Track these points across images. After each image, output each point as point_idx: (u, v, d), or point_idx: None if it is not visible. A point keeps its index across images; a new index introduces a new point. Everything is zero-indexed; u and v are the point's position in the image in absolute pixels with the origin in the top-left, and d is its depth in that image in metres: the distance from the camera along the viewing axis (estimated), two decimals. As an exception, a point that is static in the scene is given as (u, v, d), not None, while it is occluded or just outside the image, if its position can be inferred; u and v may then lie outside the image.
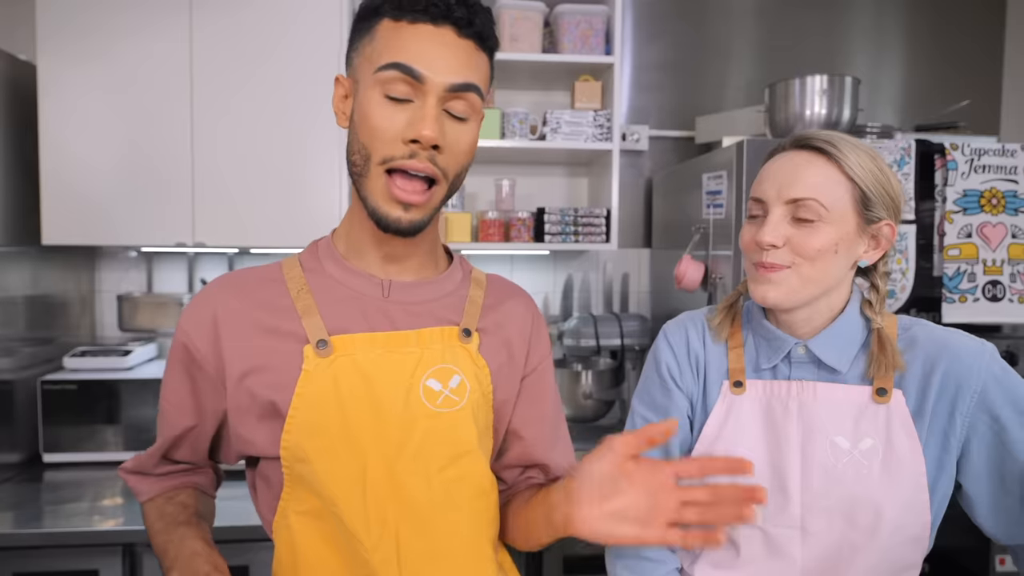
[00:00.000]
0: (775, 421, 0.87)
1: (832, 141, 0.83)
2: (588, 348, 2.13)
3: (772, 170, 0.86)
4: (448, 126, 0.74)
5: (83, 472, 1.79)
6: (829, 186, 0.81)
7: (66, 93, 1.76)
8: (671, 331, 0.97)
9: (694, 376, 0.94)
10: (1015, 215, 1.62)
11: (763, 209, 0.85)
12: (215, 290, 0.82)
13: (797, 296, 0.84)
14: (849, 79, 1.80)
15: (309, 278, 0.82)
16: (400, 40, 0.72)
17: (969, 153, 1.62)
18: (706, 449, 0.90)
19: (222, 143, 1.82)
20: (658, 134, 2.34)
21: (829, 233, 0.81)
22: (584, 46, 2.00)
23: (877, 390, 0.83)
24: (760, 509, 0.84)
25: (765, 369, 0.90)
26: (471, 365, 0.82)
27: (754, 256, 0.86)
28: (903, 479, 0.81)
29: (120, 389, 1.84)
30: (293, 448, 0.75)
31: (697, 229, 1.85)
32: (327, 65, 1.84)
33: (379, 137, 0.73)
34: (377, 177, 0.74)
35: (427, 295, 0.83)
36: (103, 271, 2.15)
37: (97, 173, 1.78)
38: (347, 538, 0.75)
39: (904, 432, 0.82)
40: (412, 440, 0.76)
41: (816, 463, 0.83)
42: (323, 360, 0.76)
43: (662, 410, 0.94)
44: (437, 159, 0.74)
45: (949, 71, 2.47)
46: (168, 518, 0.81)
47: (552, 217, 2.01)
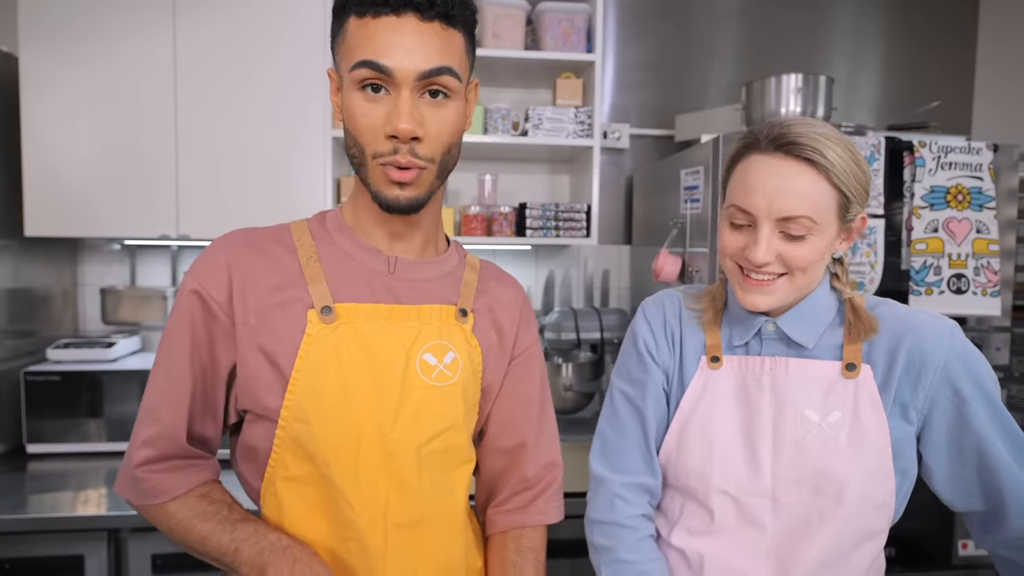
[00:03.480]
0: (749, 395, 0.90)
1: (817, 148, 0.80)
2: (568, 341, 2.17)
3: (759, 179, 0.82)
4: (428, 112, 0.76)
5: (67, 463, 1.80)
6: (819, 200, 0.81)
7: (49, 85, 1.77)
8: (648, 307, 1.00)
9: (670, 350, 0.96)
10: (980, 211, 1.67)
11: (749, 220, 0.84)
12: (227, 242, 0.84)
13: (787, 300, 0.87)
14: (823, 78, 1.85)
15: (318, 246, 0.84)
16: (366, 36, 0.74)
17: (937, 150, 1.67)
18: (683, 423, 0.93)
19: (207, 134, 1.84)
20: (639, 132, 2.38)
21: (817, 244, 0.83)
22: (566, 44, 2.04)
23: (846, 365, 0.87)
24: (736, 476, 0.88)
25: (738, 346, 0.93)
26: (465, 344, 0.86)
27: (741, 263, 0.87)
28: (868, 449, 0.85)
29: (104, 381, 1.85)
30: (294, 409, 0.78)
31: (675, 224, 1.90)
32: (313, 56, 1.86)
33: (364, 134, 0.76)
34: (374, 168, 0.78)
35: (429, 274, 0.87)
36: (86, 265, 2.16)
37: (80, 165, 1.79)
38: (335, 502, 0.78)
39: (871, 405, 0.86)
40: (406, 410, 0.80)
41: (786, 436, 0.87)
42: (326, 327, 0.79)
43: (639, 383, 0.97)
44: (418, 150, 0.76)
45: (924, 73, 2.53)
46: (218, 518, 0.78)
47: (534, 212, 2.05)
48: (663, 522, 0.97)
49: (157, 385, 0.81)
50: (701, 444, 0.91)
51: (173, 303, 0.83)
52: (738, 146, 0.88)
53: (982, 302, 1.66)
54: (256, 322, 0.79)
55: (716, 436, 0.90)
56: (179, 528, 0.79)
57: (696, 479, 0.91)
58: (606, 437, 0.99)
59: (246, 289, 0.80)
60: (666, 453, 0.95)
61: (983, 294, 1.66)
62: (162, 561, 1.53)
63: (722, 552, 0.89)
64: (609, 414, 0.99)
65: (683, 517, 0.94)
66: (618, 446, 0.96)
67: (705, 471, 0.90)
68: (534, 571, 0.90)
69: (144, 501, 0.80)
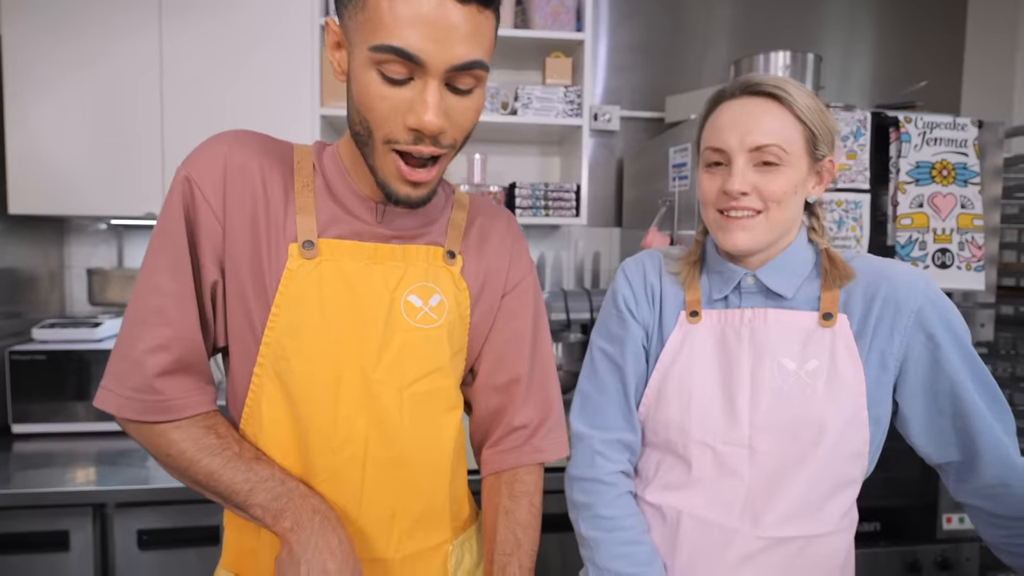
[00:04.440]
0: (728, 347, 0.91)
1: (780, 85, 0.86)
2: (559, 322, 2.17)
3: (729, 119, 0.87)
4: (451, 101, 0.70)
5: (52, 443, 1.78)
6: (786, 131, 0.85)
7: (33, 62, 1.75)
8: (628, 267, 1.01)
9: (650, 306, 0.97)
10: (964, 186, 1.68)
11: (724, 158, 0.87)
12: (229, 140, 0.78)
13: (765, 239, 0.88)
14: (811, 56, 1.86)
15: (315, 178, 0.80)
16: (395, 16, 0.65)
17: (922, 126, 1.68)
18: (663, 376, 0.94)
19: (193, 111, 1.82)
20: (630, 115, 2.38)
21: (790, 176, 0.85)
22: (555, 23, 2.04)
23: (824, 314, 0.88)
24: (714, 425, 0.89)
25: (717, 300, 0.94)
26: (452, 287, 0.84)
27: (720, 204, 0.88)
28: (845, 397, 0.86)
29: (90, 360, 1.84)
30: (274, 346, 0.76)
31: (664, 202, 1.90)
32: (299, 35, 1.85)
33: (379, 119, 0.70)
34: (384, 154, 0.72)
35: (418, 221, 0.85)
36: (72, 246, 2.14)
37: (65, 142, 1.78)
38: (311, 441, 0.78)
39: (847, 353, 0.87)
40: (389, 351, 0.79)
41: (764, 385, 0.88)
42: (308, 262, 0.76)
43: (618, 340, 0.97)
44: (442, 140, 0.72)
45: (914, 57, 2.55)
46: (229, 454, 0.74)
47: (523, 191, 2.04)
48: (639, 481, 0.98)
49: (157, 285, 0.74)
50: (680, 396, 0.92)
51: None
52: (708, 102, 0.92)
53: (966, 276, 1.67)
54: (247, 235, 0.76)
55: (695, 387, 0.91)
56: (182, 458, 0.74)
57: (675, 431, 0.92)
58: (586, 394, 0.99)
59: (241, 196, 0.76)
60: (645, 407, 0.96)
61: (967, 268, 1.67)
62: (148, 536, 1.52)
63: (698, 505, 0.90)
64: (589, 372, 1.00)
65: (659, 473, 0.94)
66: (598, 403, 0.97)
67: (684, 422, 0.91)
68: (528, 515, 0.88)
69: (155, 418, 0.74)
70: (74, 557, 1.48)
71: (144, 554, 1.51)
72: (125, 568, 1.51)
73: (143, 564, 1.51)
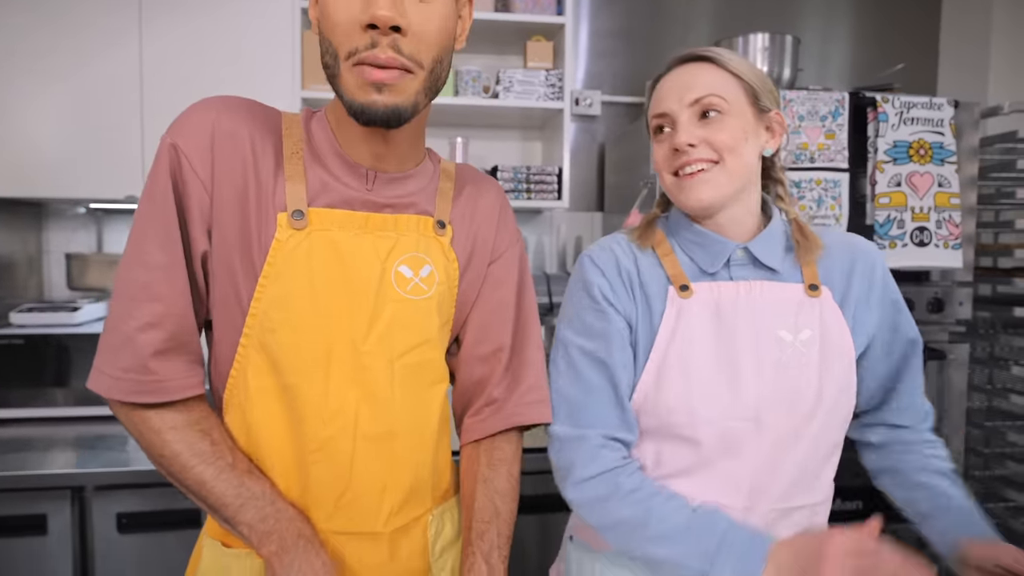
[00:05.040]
0: (725, 320, 0.89)
1: (710, 49, 0.91)
2: (542, 306, 2.17)
3: (667, 86, 0.91)
4: (411, 6, 0.69)
5: (31, 428, 1.76)
6: (721, 83, 0.88)
7: (11, 41, 1.73)
8: (595, 254, 0.94)
9: (629, 295, 0.91)
10: (941, 165, 1.70)
11: (669, 122, 0.90)
12: (217, 106, 0.76)
13: (727, 190, 0.88)
14: (789, 38, 1.87)
15: (304, 144, 0.78)
16: None
17: (899, 106, 1.69)
18: (661, 356, 0.89)
19: (173, 90, 1.80)
20: (611, 99, 2.38)
21: (736, 124, 0.87)
22: (536, 6, 2.04)
23: (809, 286, 0.91)
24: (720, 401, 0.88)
25: (706, 274, 0.92)
26: (442, 257, 0.83)
27: (673, 164, 0.88)
28: (837, 365, 0.89)
29: (69, 344, 1.82)
30: (261, 317, 0.75)
31: (645, 184, 1.90)
32: (279, 17, 1.84)
33: (339, 28, 0.69)
34: (348, 72, 0.70)
35: (408, 188, 0.83)
36: (51, 231, 2.12)
37: (45, 124, 1.76)
38: (300, 413, 0.76)
39: (835, 321, 0.90)
40: (380, 322, 0.78)
41: (766, 356, 0.87)
42: (298, 232, 0.75)
43: (600, 335, 0.89)
44: (401, 45, 0.69)
45: (892, 42, 2.57)
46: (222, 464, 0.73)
47: (505, 175, 2.04)
48: (652, 469, 0.93)
49: (146, 258, 0.72)
50: (681, 375, 0.87)
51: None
52: (650, 84, 0.96)
53: (944, 254, 1.69)
54: (236, 204, 0.74)
55: (697, 364, 0.87)
56: (174, 462, 0.73)
57: (679, 413, 0.87)
58: (572, 399, 0.90)
59: (230, 164, 0.74)
60: (641, 394, 0.89)
61: (945, 247, 1.69)
62: (127, 520, 1.51)
63: (707, 489, 0.87)
64: (570, 375, 0.90)
65: (661, 463, 0.91)
66: (587, 405, 0.89)
67: (689, 402, 0.87)
68: (506, 483, 0.86)
69: (150, 399, 0.72)
70: (52, 541, 1.47)
71: (123, 537, 1.50)
72: (104, 551, 1.50)
73: (122, 547, 1.50)
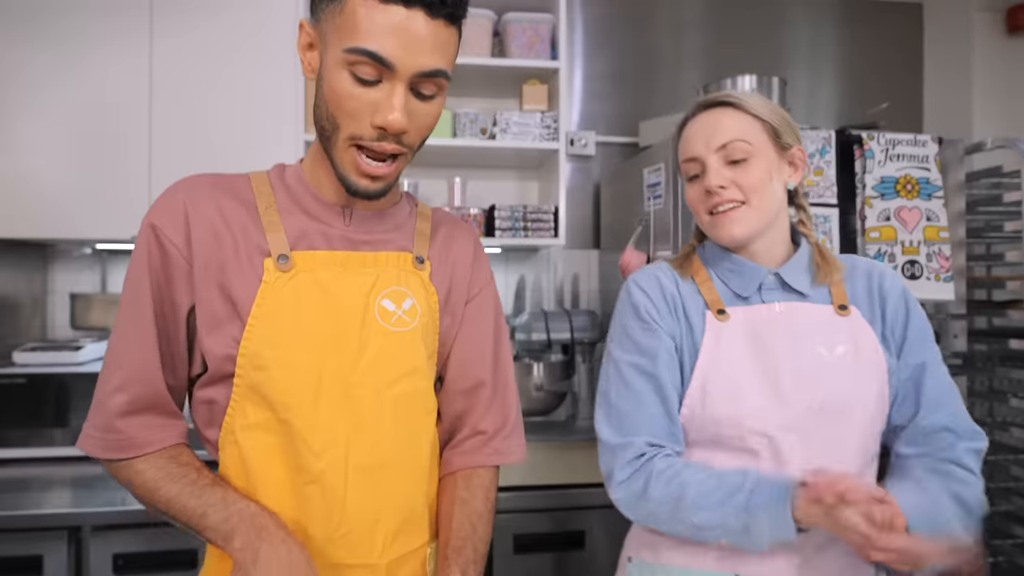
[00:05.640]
0: (762, 338, 0.96)
1: (730, 94, 0.98)
2: (539, 342, 2.19)
3: (693, 131, 0.99)
4: (414, 105, 0.76)
5: (29, 468, 1.76)
6: (744, 127, 0.95)
7: (21, 85, 1.79)
8: (640, 278, 1.03)
9: (672, 315, 0.99)
10: (929, 200, 1.74)
11: (699, 166, 0.97)
12: (184, 186, 0.83)
13: (756, 225, 0.96)
14: (776, 79, 1.93)
15: (276, 196, 0.85)
16: (371, 22, 0.71)
17: (884, 143, 1.74)
18: (704, 375, 0.96)
19: (180, 134, 1.86)
20: (605, 140, 2.45)
21: (760, 165, 0.95)
22: (531, 52, 2.11)
23: (839, 306, 0.98)
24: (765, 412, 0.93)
25: (740, 298, 0.99)
26: (423, 291, 0.87)
27: (707, 204, 0.97)
28: (872, 377, 0.94)
29: (70, 383, 1.83)
30: (251, 357, 0.78)
31: (640, 221, 1.94)
32: (283, 65, 1.91)
33: (347, 116, 0.75)
34: (345, 150, 0.77)
35: (384, 225, 0.88)
36: (56, 271, 2.16)
37: (52, 165, 1.81)
38: (294, 447, 0.79)
39: (867, 337, 0.96)
40: (366, 354, 0.81)
41: (805, 368, 0.93)
42: (283, 274, 0.80)
43: (648, 351, 0.97)
44: (403, 138, 0.77)
45: (877, 80, 2.67)
46: (186, 481, 0.77)
47: (502, 213, 2.09)
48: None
49: (122, 330, 0.80)
50: (727, 390, 0.94)
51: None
52: (676, 127, 1.04)
53: (936, 287, 1.71)
54: (214, 264, 0.79)
55: (739, 379, 0.94)
56: (144, 487, 0.78)
57: (726, 425, 0.93)
58: (621, 410, 0.96)
59: (204, 230, 0.80)
60: (689, 409, 0.96)
61: (936, 279, 1.71)
62: (123, 561, 1.50)
63: None
64: (620, 387, 0.98)
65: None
66: (636, 417, 0.95)
67: (737, 414, 0.93)
68: (483, 506, 0.89)
69: (118, 456, 0.78)
70: (47, 582, 1.46)
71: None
72: (100, 593, 1.49)
73: (118, 588, 1.49)
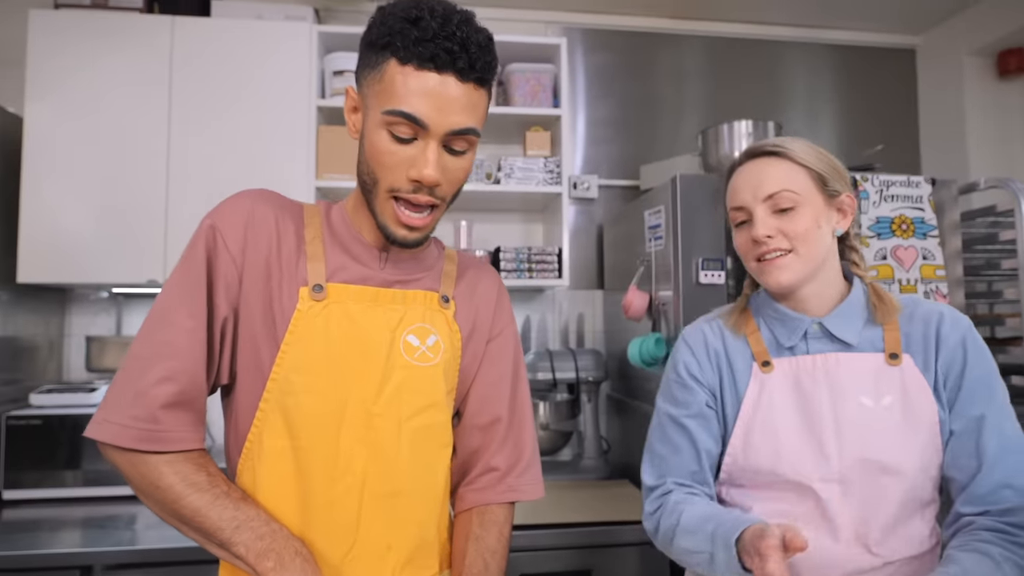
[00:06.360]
0: (805, 389, 0.97)
1: (777, 143, 1.00)
2: (545, 382, 2.21)
3: (741, 180, 1.01)
4: (447, 160, 0.82)
5: (42, 509, 1.79)
6: (791, 176, 0.97)
7: (49, 142, 1.88)
8: (689, 334, 1.09)
9: (713, 368, 1.05)
10: (924, 239, 1.77)
11: (746, 214, 0.99)
12: (252, 196, 0.88)
13: (803, 273, 0.97)
14: (772, 123, 1.99)
15: (323, 229, 0.90)
16: (407, 86, 0.78)
17: (879, 184, 1.79)
18: (747, 424, 1.00)
19: (196, 185, 1.94)
20: (607, 183, 2.52)
21: (807, 213, 0.96)
22: (534, 100, 2.20)
23: (890, 355, 0.96)
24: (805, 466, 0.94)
25: (785, 348, 1.01)
26: (446, 328, 0.92)
27: (755, 253, 0.99)
28: (921, 427, 0.93)
29: (84, 424, 1.84)
30: (281, 381, 0.82)
31: (642, 261, 1.99)
32: (297, 113, 2.00)
33: (385, 170, 0.81)
34: (385, 201, 0.83)
35: (416, 267, 0.94)
36: (73, 315, 2.22)
37: (74, 215, 1.89)
38: (311, 472, 0.82)
39: (917, 387, 0.95)
40: (389, 386, 0.86)
41: (847, 420, 0.94)
42: (316, 304, 0.85)
43: (683, 404, 1.04)
44: (436, 191, 0.83)
45: (873, 123, 2.73)
46: (217, 492, 0.78)
47: (507, 255, 2.14)
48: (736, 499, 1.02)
49: (173, 320, 0.81)
50: (767, 441, 0.97)
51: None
52: (724, 175, 1.06)
53: (934, 324, 1.73)
54: (261, 282, 0.84)
55: (780, 431, 0.96)
56: (168, 492, 0.77)
57: (766, 475, 0.96)
58: (657, 453, 1.06)
59: (259, 246, 0.85)
60: (732, 458, 1.01)
61: (934, 317, 1.74)
62: (134, 600, 1.51)
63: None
64: (659, 435, 1.07)
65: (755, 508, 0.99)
66: (669, 459, 1.03)
67: (776, 466, 0.96)
68: (496, 543, 0.91)
69: (152, 448, 0.77)
70: (58, 622, 1.47)
71: (130, 617, 1.50)
72: (110, 633, 1.49)
73: (128, 628, 1.50)
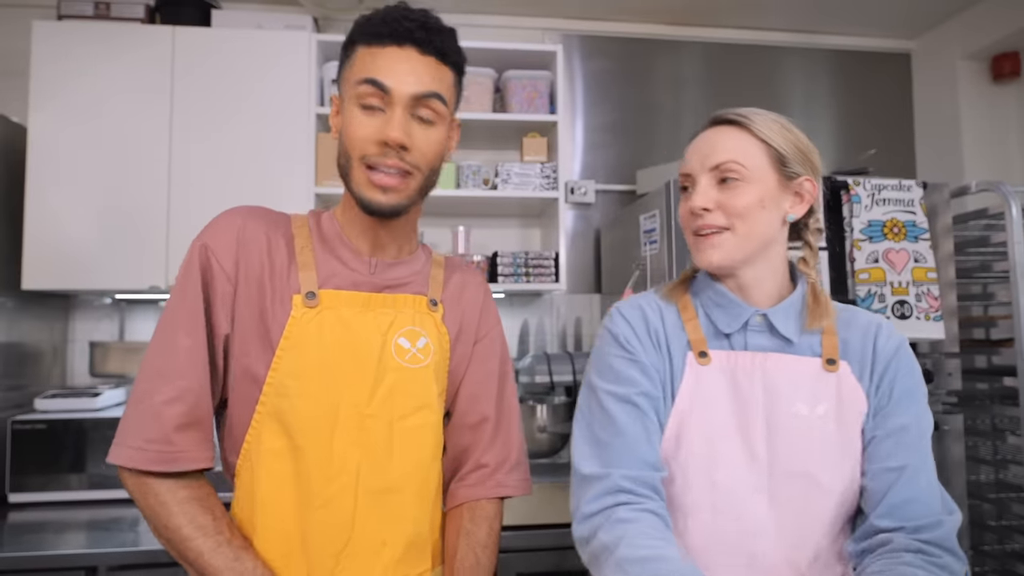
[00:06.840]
0: (741, 390, 0.91)
1: (741, 113, 0.92)
2: (542, 385, 2.23)
3: (694, 147, 0.94)
4: (416, 129, 0.87)
5: (47, 511, 1.81)
6: (744, 148, 0.89)
7: (53, 151, 1.92)
8: (624, 308, 0.98)
9: (656, 349, 0.94)
10: (915, 242, 1.79)
11: (692, 182, 0.93)
12: (241, 213, 0.92)
13: (737, 254, 0.91)
14: (764, 129, 2.01)
15: (312, 238, 0.93)
16: (372, 61, 0.86)
17: (871, 188, 1.81)
18: (681, 418, 0.91)
19: (197, 191, 1.97)
20: (604, 188, 2.54)
21: (752, 191, 0.89)
22: (530, 107, 2.22)
23: (827, 360, 0.91)
24: (739, 471, 0.88)
25: (723, 335, 0.94)
26: (435, 331, 0.95)
27: (692, 225, 0.93)
28: (854, 438, 0.89)
29: (88, 428, 1.90)
30: (277, 385, 0.86)
31: (637, 265, 2.01)
32: (297, 120, 2.03)
33: (357, 140, 0.86)
34: (359, 171, 0.87)
35: (403, 272, 0.97)
36: (77, 321, 2.25)
37: (77, 223, 1.92)
38: (307, 473, 0.85)
39: (852, 396, 0.90)
40: (381, 388, 0.89)
41: (780, 429, 0.88)
42: (310, 310, 0.88)
43: (629, 380, 0.91)
44: (406, 157, 0.86)
45: (869, 128, 2.76)
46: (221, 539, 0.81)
47: (505, 260, 2.16)
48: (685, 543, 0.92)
49: (174, 341, 0.84)
50: (701, 441, 0.90)
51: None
52: (688, 141, 0.98)
53: (926, 326, 1.75)
54: (255, 295, 0.87)
55: (715, 432, 0.90)
56: (176, 534, 0.80)
57: (697, 476, 0.89)
58: (599, 440, 0.90)
59: (250, 258, 0.88)
60: (664, 452, 0.91)
61: (926, 319, 1.76)
62: (138, 601, 1.54)
63: (705, 550, 0.89)
64: (601, 418, 0.91)
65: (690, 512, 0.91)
66: (614, 446, 0.89)
67: (708, 468, 0.89)
68: (487, 537, 0.94)
69: (167, 468, 0.80)
70: (63, 623, 1.49)
71: (133, 619, 1.52)
72: (114, 634, 1.52)
73: (131, 629, 1.52)
